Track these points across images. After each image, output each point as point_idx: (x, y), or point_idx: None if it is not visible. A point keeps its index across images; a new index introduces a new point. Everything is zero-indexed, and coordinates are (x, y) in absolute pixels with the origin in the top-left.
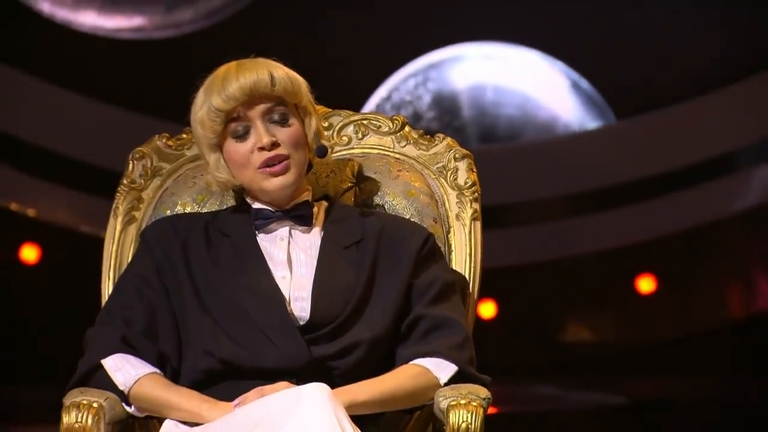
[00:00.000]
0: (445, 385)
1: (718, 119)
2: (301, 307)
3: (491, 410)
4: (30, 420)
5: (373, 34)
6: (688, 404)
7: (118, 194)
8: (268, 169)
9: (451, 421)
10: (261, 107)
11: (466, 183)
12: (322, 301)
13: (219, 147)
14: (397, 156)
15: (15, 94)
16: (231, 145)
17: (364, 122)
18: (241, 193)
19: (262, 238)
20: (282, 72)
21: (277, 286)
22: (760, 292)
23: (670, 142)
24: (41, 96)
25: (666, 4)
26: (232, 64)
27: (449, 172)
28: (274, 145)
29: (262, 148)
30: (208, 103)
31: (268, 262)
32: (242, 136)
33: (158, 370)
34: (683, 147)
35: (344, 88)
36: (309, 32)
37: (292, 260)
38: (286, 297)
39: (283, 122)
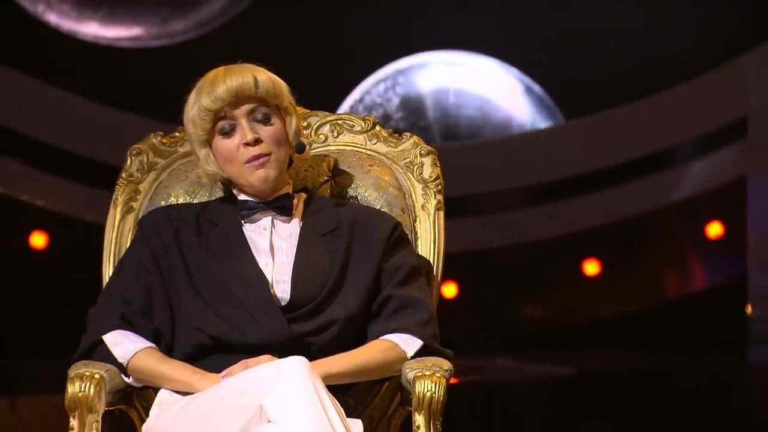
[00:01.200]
0: (412, 358)
1: (657, 120)
2: (282, 289)
3: (453, 380)
4: (38, 390)
5: (348, 43)
6: (628, 374)
7: (117, 187)
8: (253, 163)
9: (417, 391)
10: (246, 107)
11: (430, 177)
12: (301, 284)
13: (208, 143)
14: (368, 152)
15: (24, 96)
16: (219, 141)
17: (339, 122)
18: (228, 185)
19: (247, 228)
20: (265, 76)
21: (261, 271)
22: (693, 275)
23: (613, 140)
24: (48, 98)
25: (608, 17)
26: (221, 68)
27: (415, 167)
28: (258, 141)
29: (246, 144)
30: (198, 103)
31: (252, 250)
32: (228, 133)
33: (154, 345)
34: (625, 144)
35: (322, 91)
36: (290, 41)
37: (274, 248)
38: (269, 281)
39: (266, 121)
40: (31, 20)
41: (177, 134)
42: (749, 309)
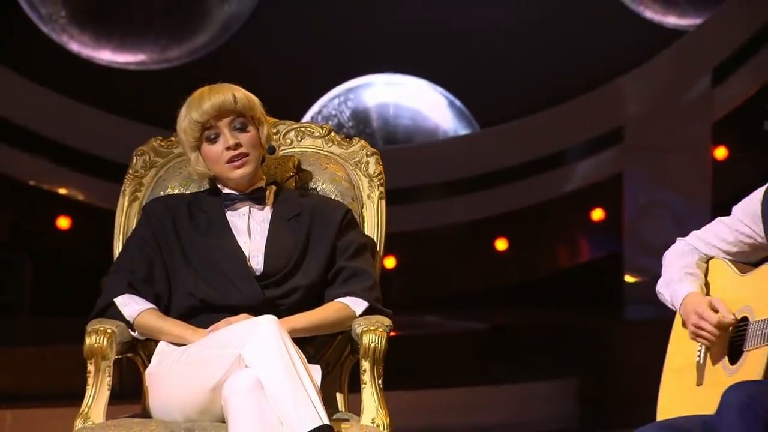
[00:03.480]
0: (360, 316)
1: (552, 128)
2: (257, 261)
3: (392, 334)
4: (62, 342)
5: (310, 67)
6: (530, 328)
7: (125, 180)
8: (234, 163)
9: (363, 342)
10: (227, 119)
11: (374, 173)
12: (271, 257)
13: (198, 148)
14: (325, 153)
15: (51, 109)
16: (206, 147)
17: (302, 129)
18: (214, 180)
19: (229, 213)
20: (241, 93)
21: (239, 247)
22: (580, 250)
23: (518, 144)
24: (70, 110)
25: (515, 47)
26: (205, 88)
27: (363, 165)
28: (238, 146)
29: (228, 148)
30: (189, 116)
31: (233, 231)
32: (213, 140)
33: (155, 306)
34: (527, 147)
35: (288, 104)
36: (264, 65)
37: (251, 229)
38: (246, 255)
39: (243, 129)
40: (58, 49)
41: (173, 139)
42: (625, 277)
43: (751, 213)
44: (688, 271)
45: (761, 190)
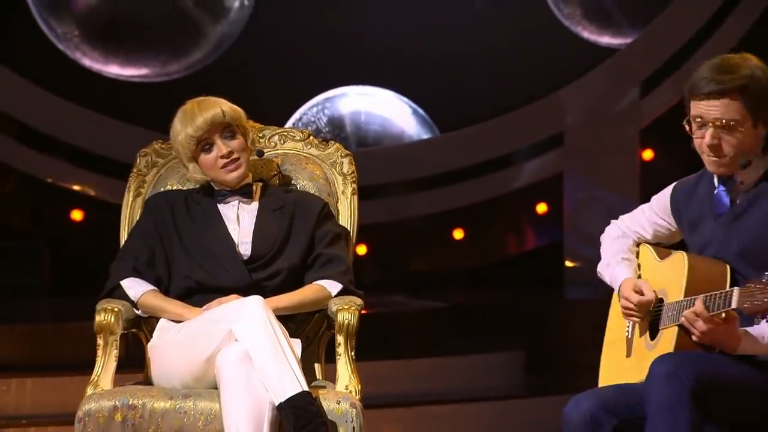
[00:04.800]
0: (335, 297)
1: (502, 133)
2: (245, 248)
3: (363, 312)
4: (75, 319)
5: (291, 80)
6: (483, 307)
7: (130, 178)
8: (228, 168)
9: (338, 319)
10: (218, 131)
11: (348, 171)
12: (257, 244)
13: (194, 159)
14: (305, 155)
15: (67, 116)
16: (202, 157)
17: (285, 134)
18: (209, 181)
19: (221, 207)
20: (227, 106)
21: (230, 235)
22: (526, 238)
23: (472, 147)
24: (83, 117)
25: (471, 63)
26: (194, 102)
27: (338, 165)
28: (230, 153)
29: (222, 156)
30: (184, 132)
31: (224, 221)
32: (208, 150)
33: (156, 288)
34: (480, 150)
35: (272, 112)
36: (251, 77)
37: (240, 219)
38: (236, 242)
39: (232, 137)
40: (72, 64)
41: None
42: (566, 263)
43: (663, 207)
44: (624, 257)
45: (670, 188)
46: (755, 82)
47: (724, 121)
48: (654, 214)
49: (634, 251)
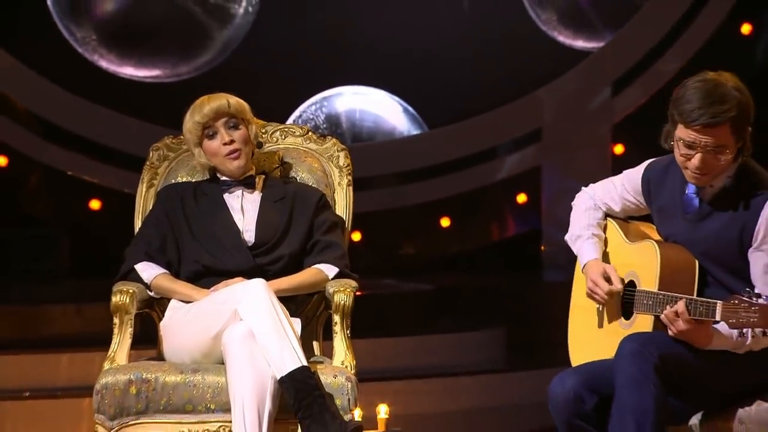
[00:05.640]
0: (332, 279)
1: (486, 129)
2: (249, 235)
3: (358, 293)
4: (93, 300)
5: (292, 80)
6: (468, 289)
7: (143, 170)
8: (230, 156)
9: (335, 300)
10: (223, 120)
11: (344, 165)
12: (261, 232)
13: (200, 144)
14: (304, 149)
15: (86, 114)
16: (207, 143)
17: (286, 130)
18: (213, 171)
19: (226, 196)
20: (234, 100)
21: (235, 223)
22: (508, 226)
23: (458, 142)
24: (101, 115)
25: (457, 65)
26: (205, 96)
27: (334, 158)
28: (232, 141)
29: (225, 144)
30: (192, 119)
31: (230, 210)
32: (212, 137)
33: (167, 271)
34: (465, 144)
35: (275, 110)
36: (255, 78)
37: (244, 209)
38: (240, 230)
39: (236, 128)
40: (90, 66)
41: (181, 138)
42: (542, 247)
43: (634, 186)
44: (594, 232)
45: (642, 167)
46: (741, 110)
47: (714, 147)
48: (625, 191)
49: (602, 225)
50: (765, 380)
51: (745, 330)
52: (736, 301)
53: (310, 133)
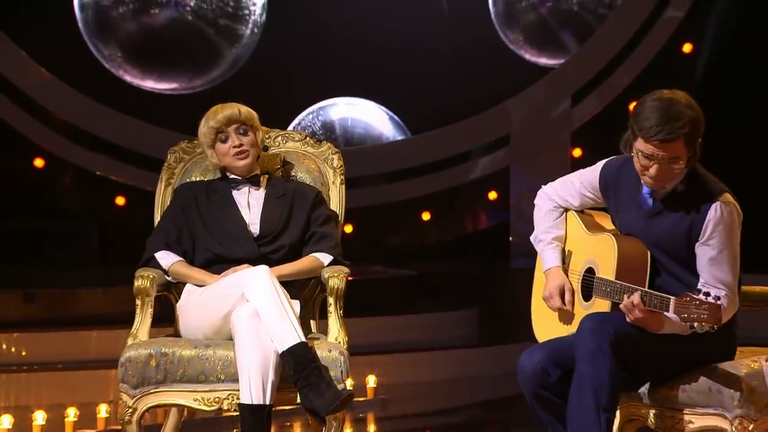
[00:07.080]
0: (327, 266)
1: (462, 135)
2: (254, 227)
3: (349, 278)
4: (118, 284)
5: (292, 92)
6: (444, 275)
7: (162, 171)
8: (239, 157)
9: (330, 284)
10: (233, 126)
11: (337, 166)
12: (265, 224)
13: (212, 146)
14: (303, 152)
15: (111, 124)
16: (219, 145)
17: (287, 135)
18: (224, 170)
19: (234, 193)
20: (244, 108)
21: (242, 217)
22: (480, 219)
23: (437, 146)
24: (125, 123)
25: (437, 77)
26: (218, 105)
27: (329, 160)
28: (241, 144)
29: (235, 146)
30: (207, 124)
31: (238, 206)
32: (224, 141)
33: (183, 259)
34: (443, 148)
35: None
36: (260, 90)
37: (250, 205)
38: (247, 222)
39: (245, 133)
40: (116, 79)
41: (195, 142)
42: (511, 238)
43: (592, 183)
44: (553, 236)
45: (599, 167)
46: (693, 126)
47: (669, 159)
48: (583, 187)
49: (563, 224)
50: (705, 357)
51: (695, 324)
52: (688, 298)
53: (308, 138)
